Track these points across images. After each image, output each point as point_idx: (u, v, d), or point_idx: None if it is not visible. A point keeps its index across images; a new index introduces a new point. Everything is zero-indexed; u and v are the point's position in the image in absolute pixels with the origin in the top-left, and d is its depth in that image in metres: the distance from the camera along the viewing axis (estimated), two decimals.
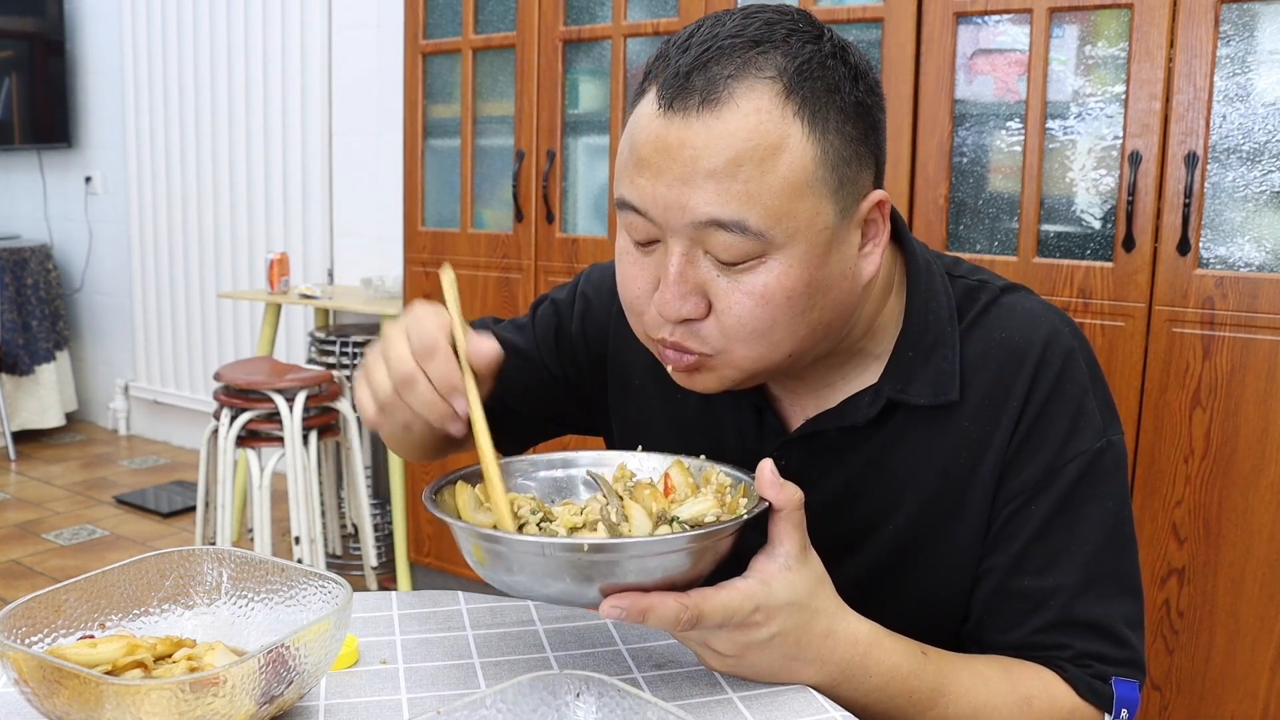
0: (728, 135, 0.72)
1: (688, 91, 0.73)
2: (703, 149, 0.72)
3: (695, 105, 0.72)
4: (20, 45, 4.45)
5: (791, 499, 0.71)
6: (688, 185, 0.73)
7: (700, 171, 0.72)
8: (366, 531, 2.90)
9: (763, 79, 0.73)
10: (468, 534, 0.70)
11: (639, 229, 0.77)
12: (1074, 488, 0.82)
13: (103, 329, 4.72)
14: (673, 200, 0.73)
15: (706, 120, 0.72)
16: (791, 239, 0.74)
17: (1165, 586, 1.72)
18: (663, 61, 0.76)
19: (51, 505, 3.68)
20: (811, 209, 0.74)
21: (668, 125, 0.73)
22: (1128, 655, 0.82)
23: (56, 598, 0.71)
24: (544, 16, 2.34)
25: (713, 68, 0.73)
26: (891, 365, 0.86)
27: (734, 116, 0.72)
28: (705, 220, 0.73)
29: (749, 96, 0.72)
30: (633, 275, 0.80)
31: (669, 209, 0.74)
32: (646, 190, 0.75)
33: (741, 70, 0.73)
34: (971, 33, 1.83)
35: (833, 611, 0.74)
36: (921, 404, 0.84)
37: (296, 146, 3.71)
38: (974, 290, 0.89)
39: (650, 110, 0.75)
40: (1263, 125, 1.61)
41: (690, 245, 0.75)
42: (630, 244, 0.80)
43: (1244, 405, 1.63)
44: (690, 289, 0.76)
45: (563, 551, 0.65)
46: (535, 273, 2.43)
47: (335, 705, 0.72)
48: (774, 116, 0.72)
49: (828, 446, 0.88)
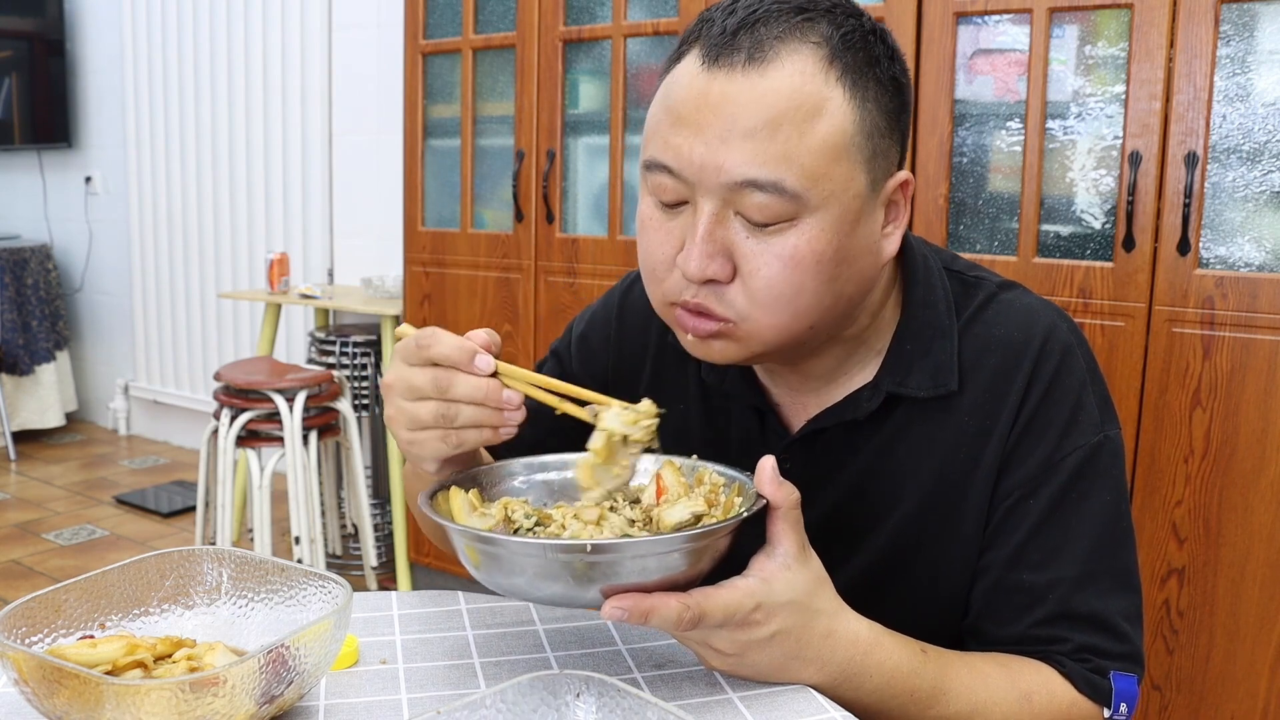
0: (771, 93, 0.72)
1: (734, 49, 0.74)
2: (745, 106, 0.72)
3: (741, 61, 0.73)
4: (20, 45, 4.45)
5: (789, 498, 0.72)
6: (725, 144, 0.73)
7: (739, 130, 0.73)
8: (366, 531, 2.90)
9: (808, 43, 0.74)
10: (464, 538, 0.70)
11: (668, 190, 0.77)
12: (1071, 482, 0.83)
13: (103, 329, 4.72)
14: (709, 159, 0.74)
15: (751, 77, 0.73)
16: (825, 202, 0.74)
17: (1165, 586, 1.72)
18: (706, 25, 0.77)
19: (51, 505, 3.68)
20: (846, 174, 0.75)
21: (710, 80, 0.74)
22: (1126, 649, 0.83)
23: (56, 598, 0.71)
24: (544, 16, 2.34)
25: (760, 29, 0.74)
26: (890, 359, 0.86)
27: (779, 75, 0.73)
28: (741, 180, 0.73)
29: (794, 58, 0.73)
30: (657, 240, 0.79)
31: (704, 168, 0.74)
32: (683, 149, 0.75)
33: (788, 33, 0.74)
34: (971, 33, 1.83)
35: (833, 611, 0.74)
36: (921, 396, 0.85)
37: (296, 146, 3.71)
38: (971, 286, 0.89)
39: (692, 69, 0.76)
40: (1263, 125, 1.61)
41: (722, 206, 0.75)
42: (655, 208, 0.79)
43: (1244, 405, 1.63)
44: (718, 249, 0.76)
45: (563, 553, 0.65)
46: (535, 273, 2.43)
47: (335, 705, 0.72)
48: (817, 80, 0.73)
49: (830, 446, 0.88)
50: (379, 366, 3.06)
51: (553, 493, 0.85)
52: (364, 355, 3.04)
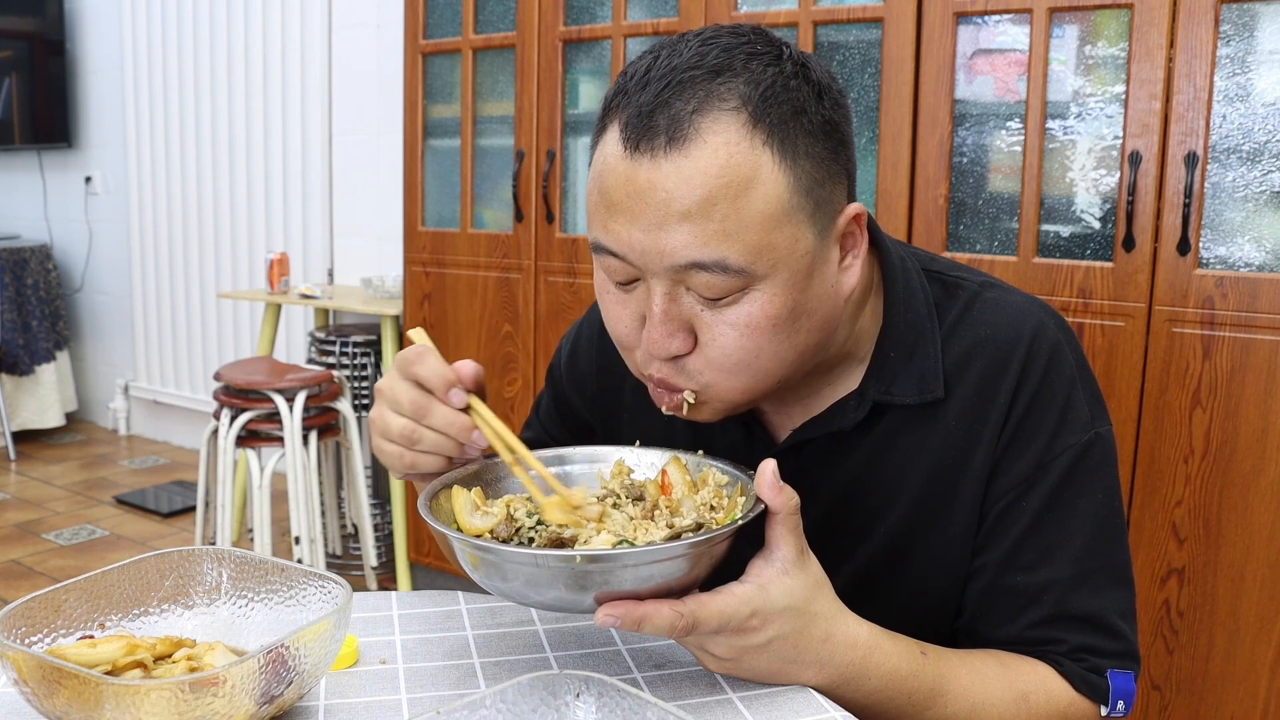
0: (699, 174, 0.70)
1: (653, 131, 0.71)
2: (674, 190, 0.70)
3: (662, 145, 0.70)
4: (20, 45, 4.45)
5: (788, 503, 0.71)
6: (663, 229, 0.71)
7: (674, 214, 0.71)
8: (366, 531, 2.90)
9: (727, 110, 0.71)
10: (461, 544, 0.70)
11: (618, 271, 0.76)
12: (1064, 482, 0.83)
13: (103, 329, 4.72)
14: (649, 245, 0.72)
15: (675, 160, 0.70)
16: (773, 270, 0.73)
17: (1165, 586, 1.72)
18: (622, 98, 0.74)
19: (51, 505, 3.68)
20: (790, 237, 0.73)
21: (635, 168, 0.71)
22: (1122, 647, 0.83)
23: (56, 598, 0.71)
24: (544, 16, 2.34)
25: (675, 103, 0.71)
26: (874, 367, 0.86)
27: (703, 153, 0.70)
28: (685, 263, 0.72)
29: (715, 130, 0.70)
30: (618, 315, 0.79)
31: (647, 254, 0.73)
32: (622, 235, 0.73)
33: (705, 103, 0.71)
34: (971, 33, 1.83)
35: (831, 615, 0.74)
36: (907, 404, 0.85)
37: (296, 146, 3.72)
38: (953, 287, 0.88)
39: (615, 151, 0.73)
40: (1263, 125, 1.61)
41: (672, 285, 0.74)
42: (610, 284, 0.79)
43: (1244, 405, 1.63)
44: (677, 326, 0.75)
45: (555, 563, 0.65)
46: (535, 273, 2.43)
47: (335, 705, 0.72)
48: (743, 148, 0.70)
49: (818, 455, 0.88)
50: (379, 366, 3.06)
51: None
52: (364, 355, 3.04)
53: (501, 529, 0.75)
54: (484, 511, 0.78)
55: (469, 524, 0.77)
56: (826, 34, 1.99)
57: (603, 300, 0.81)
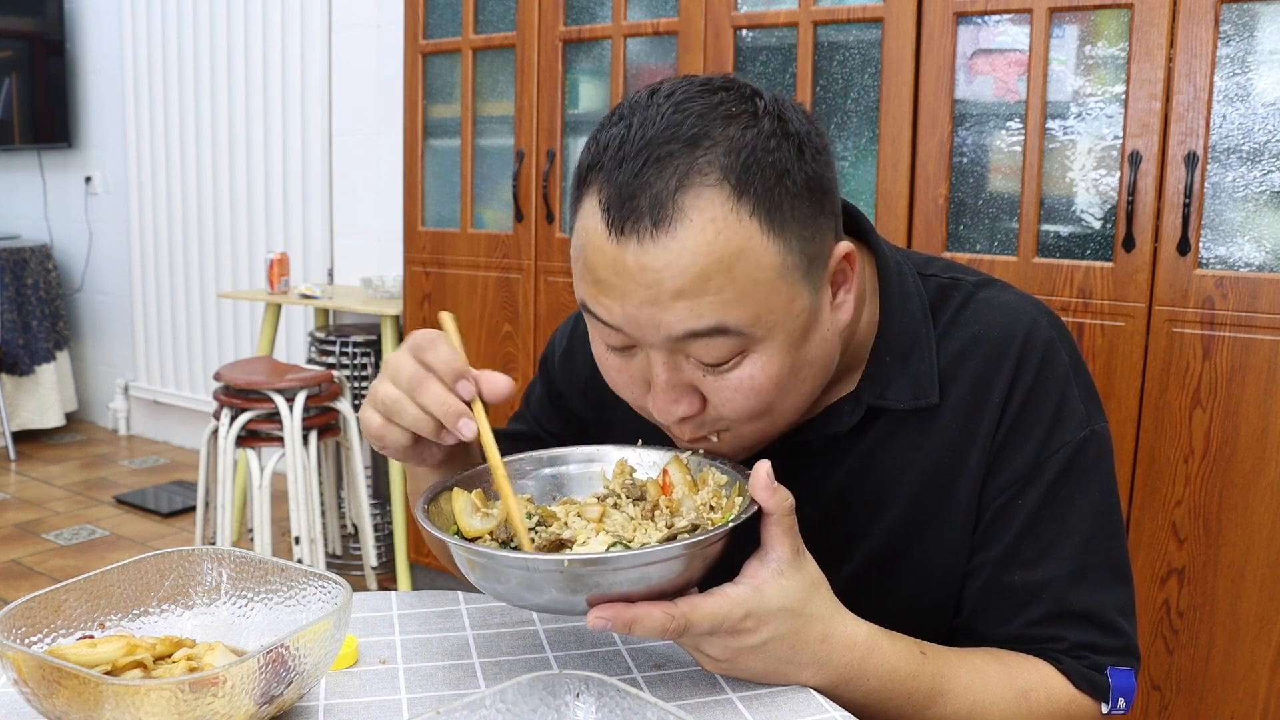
0: (688, 253, 0.69)
1: (636, 214, 0.69)
2: (664, 271, 0.69)
3: (648, 228, 0.69)
4: (20, 45, 4.45)
5: (782, 504, 0.71)
6: (656, 306, 0.71)
7: (667, 293, 0.70)
8: (366, 531, 2.90)
9: (710, 185, 0.69)
10: (457, 548, 0.70)
11: (615, 338, 0.76)
12: (1060, 479, 0.83)
13: (103, 329, 4.72)
14: (645, 320, 0.72)
15: (662, 242, 0.69)
16: (771, 332, 0.73)
17: (1165, 586, 1.72)
18: (598, 172, 0.72)
19: (51, 505, 3.68)
20: (786, 299, 0.73)
21: (621, 250, 0.70)
22: (1122, 643, 0.83)
23: (56, 598, 0.71)
24: (544, 16, 2.34)
25: (656, 183, 0.69)
26: (869, 371, 0.86)
27: (689, 233, 0.68)
28: (682, 334, 0.72)
29: (699, 207, 0.69)
30: (621, 381, 0.79)
31: (643, 327, 0.72)
32: (615, 310, 0.73)
33: (686, 179, 0.69)
34: (971, 33, 1.83)
35: (829, 615, 0.74)
36: (902, 408, 0.85)
37: (296, 146, 3.72)
38: (948, 288, 0.88)
39: (599, 230, 0.71)
40: (1263, 125, 1.61)
41: (670, 354, 0.74)
42: (608, 349, 0.79)
43: (1244, 405, 1.63)
44: (682, 391, 0.76)
45: (546, 566, 0.65)
46: (535, 273, 2.43)
47: (335, 705, 0.72)
48: (730, 223, 0.69)
49: (814, 457, 0.88)
50: (379, 366, 3.06)
51: (559, 487, 0.85)
52: (364, 355, 3.04)
53: (501, 531, 0.75)
54: (484, 513, 0.78)
55: (469, 526, 0.77)
56: (826, 34, 1.99)
57: (603, 364, 0.80)
